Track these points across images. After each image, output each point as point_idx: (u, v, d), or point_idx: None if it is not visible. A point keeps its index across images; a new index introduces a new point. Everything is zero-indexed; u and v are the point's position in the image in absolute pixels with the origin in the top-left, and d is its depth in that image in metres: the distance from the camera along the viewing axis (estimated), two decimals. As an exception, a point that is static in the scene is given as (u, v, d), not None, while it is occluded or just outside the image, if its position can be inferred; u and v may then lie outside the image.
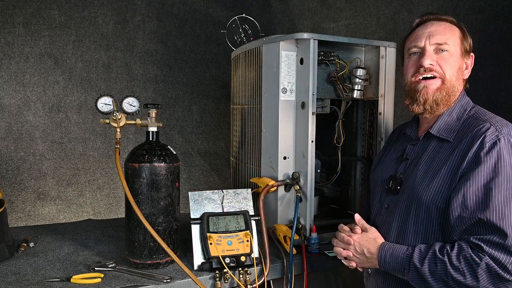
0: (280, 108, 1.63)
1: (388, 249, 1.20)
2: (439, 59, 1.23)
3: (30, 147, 2.47)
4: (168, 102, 2.81)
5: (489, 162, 1.07)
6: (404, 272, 1.14)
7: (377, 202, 1.37)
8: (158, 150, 1.44)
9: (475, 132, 1.13)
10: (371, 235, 1.27)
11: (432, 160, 1.20)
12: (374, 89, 1.78)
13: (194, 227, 1.46)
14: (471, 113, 1.22)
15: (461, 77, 1.26)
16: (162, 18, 2.76)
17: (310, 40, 1.56)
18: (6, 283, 1.30)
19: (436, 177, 1.16)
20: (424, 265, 1.10)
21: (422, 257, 1.11)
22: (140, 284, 1.30)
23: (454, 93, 1.24)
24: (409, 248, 1.16)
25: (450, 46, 1.22)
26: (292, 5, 3.09)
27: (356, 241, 1.27)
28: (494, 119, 1.16)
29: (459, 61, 1.24)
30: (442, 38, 1.22)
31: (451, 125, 1.22)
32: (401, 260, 1.15)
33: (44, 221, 2.51)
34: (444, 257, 1.07)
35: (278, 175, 1.65)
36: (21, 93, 2.44)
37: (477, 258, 1.03)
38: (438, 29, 1.24)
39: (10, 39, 2.39)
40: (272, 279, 1.50)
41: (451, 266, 1.05)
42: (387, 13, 2.45)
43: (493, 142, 1.09)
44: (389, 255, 1.18)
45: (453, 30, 1.25)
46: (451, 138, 1.19)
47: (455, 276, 1.05)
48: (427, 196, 1.17)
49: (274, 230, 1.64)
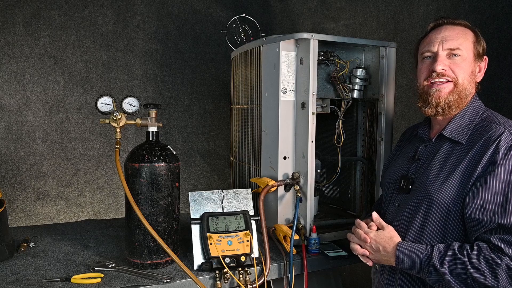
0: (280, 108, 1.63)
1: (406, 248, 1.21)
2: (451, 64, 1.25)
3: (30, 147, 2.47)
4: (168, 102, 2.81)
5: (505, 165, 1.10)
6: (423, 271, 1.16)
7: (388, 201, 1.40)
8: (158, 150, 1.44)
9: (489, 136, 1.16)
10: (388, 233, 1.28)
11: (444, 162, 1.23)
12: (374, 89, 1.78)
13: (194, 227, 1.46)
14: (484, 116, 1.25)
15: (473, 81, 1.28)
16: (162, 18, 2.76)
17: (310, 40, 1.56)
18: (6, 283, 1.30)
19: (449, 178, 1.18)
20: (444, 265, 1.11)
21: (442, 257, 1.12)
22: (140, 284, 1.30)
23: (467, 96, 1.26)
24: (428, 247, 1.17)
25: (463, 51, 1.24)
26: (292, 5, 3.09)
27: (373, 238, 1.29)
28: (507, 123, 1.18)
29: (472, 65, 1.26)
30: (455, 43, 1.24)
31: (464, 127, 1.24)
32: (420, 260, 1.16)
33: (44, 221, 2.51)
34: (465, 257, 1.09)
35: (278, 175, 1.65)
36: (21, 93, 2.44)
37: (498, 259, 1.05)
38: (452, 34, 1.26)
39: (10, 39, 2.39)
40: (272, 279, 1.51)
41: (471, 266, 1.07)
42: (387, 13, 2.45)
43: (508, 145, 1.12)
44: (407, 255, 1.20)
45: (466, 35, 1.26)
46: (464, 141, 1.21)
47: (475, 276, 1.07)
48: (439, 196, 1.19)
49: (274, 230, 1.64)
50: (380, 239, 1.27)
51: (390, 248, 1.25)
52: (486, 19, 1.91)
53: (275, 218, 1.67)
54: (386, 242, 1.26)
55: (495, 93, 1.88)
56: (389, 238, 1.27)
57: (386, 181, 1.47)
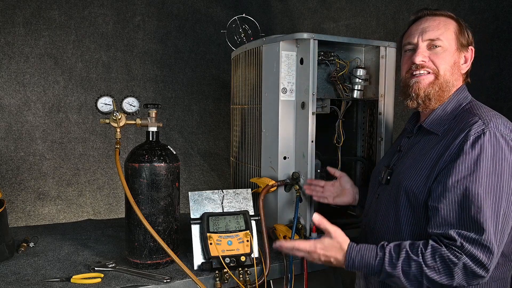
0: (280, 108, 1.63)
1: (356, 256, 1.14)
2: (432, 55, 1.22)
3: (30, 147, 2.47)
4: (168, 102, 2.81)
5: (471, 154, 1.06)
6: (375, 275, 1.13)
7: (371, 192, 1.40)
8: (158, 150, 1.44)
9: (463, 125, 1.13)
10: (336, 243, 1.17)
11: (419, 152, 1.22)
12: (374, 89, 1.78)
13: (194, 227, 1.46)
14: (466, 107, 1.21)
15: (457, 72, 1.25)
16: (162, 18, 2.76)
17: (310, 40, 1.55)
18: (6, 283, 1.30)
19: (418, 167, 1.17)
20: (397, 268, 1.07)
21: (395, 260, 1.08)
22: (140, 284, 1.30)
23: (449, 88, 1.23)
24: (378, 252, 1.11)
25: (444, 41, 1.22)
26: (292, 5, 3.09)
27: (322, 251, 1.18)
28: (485, 113, 1.14)
29: (454, 55, 1.23)
30: (435, 34, 1.22)
31: (444, 119, 1.22)
32: (372, 267, 1.11)
33: (44, 221, 2.51)
34: (419, 258, 1.05)
35: (278, 175, 1.65)
36: (21, 93, 2.44)
37: (455, 258, 1.02)
38: (432, 25, 1.23)
39: (10, 39, 2.39)
40: (272, 279, 1.50)
41: (426, 266, 1.04)
42: (387, 13, 2.45)
43: (477, 135, 1.07)
44: (357, 262, 1.13)
45: (448, 25, 1.24)
46: (440, 132, 1.19)
47: (430, 275, 1.04)
48: (407, 185, 1.18)
49: (274, 230, 1.64)
50: (328, 251, 1.17)
51: (341, 256, 1.16)
52: (486, 19, 1.91)
53: (275, 218, 1.67)
54: (335, 252, 1.16)
55: (495, 93, 1.88)
56: (338, 248, 1.17)
57: (372, 174, 1.47)
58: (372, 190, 1.41)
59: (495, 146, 1.06)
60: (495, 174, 1.04)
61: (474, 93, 1.32)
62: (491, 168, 1.05)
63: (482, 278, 1.04)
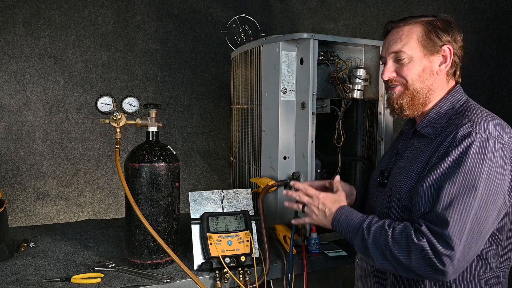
0: (280, 108, 1.63)
1: (345, 211, 1.24)
2: (398, 68, 1.25)
3: (30, 147, 2.47)
4: (168, 102, 2.81)
5: (453, 155, 1.08)
6: (352, 235, 1.19)
7: (370, 195, 1.42)
8: (158, 150, 1.44)
9: (453, 128, 1.13)
10: (338, 196, 1.31)
11: (412, 155, 1.24)
12: (374, 89, 1.78)
13: (194, 227, 1.46)
14: (459, 110, 1.21)
15: (430, 77, 1.23)
16: (162, 18, 2.76)
17: (310, 40, 1.56)
18: (6, 283, 1.30)
19: (409, 171, 1.20)
20: (370, 232, 1.14)
21: (372, 225, 1.15)
22: (140, 284, 1.30)
23: (424, 94, 1.24)
24: (365, 216, 1.20)
25: (406, 52, 1.22)
26: (292, 5, 3.09)
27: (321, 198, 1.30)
28: (476, 115, 1.14)
29: (422, 62, 1.22)
30: (397, 47, 1.23)
31: (437, 122, 1.22)
32: (353, 224, 1.20)
33: (44, 221, 2.51)
34: (389, 229, 1.12)
35: (278, 175, 1.65)
36: (21, 93, 2.44)
37: (416, 239, 1.06)
38: (395, 38, 1.25)
39: (10, 39, 2.39)
40: (272, 279, 1.51)
41: (392, 239, 1.10)
42: (387, 13, 2.45)
43: (462, 137, 1.09)
44: (344, 217, 1.23)
45: (411, 34, 1.22)
46: (433, 135, 1.20)
47: (392, 248, 1.09)
48: (398, 188, 1.21)
49: (274, 230, 1.64)
50: (328, 201, 1.29)
51: (334, 209, 1.27)
52: (486, 19, 1.91)
53: (275, 218, 1.67)
54: (333, 204, 1.28)
55: (495, 93, 1.88)
56: (337, 201, 1.29)
57: (372, 176, 1.48)
58: (371, 193, 1.42)
59: (479, 148, 1.07)
60: (473, 175, 1.05)
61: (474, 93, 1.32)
62: (471, 169, 1.05)
63: (442, 273, 1.03)
